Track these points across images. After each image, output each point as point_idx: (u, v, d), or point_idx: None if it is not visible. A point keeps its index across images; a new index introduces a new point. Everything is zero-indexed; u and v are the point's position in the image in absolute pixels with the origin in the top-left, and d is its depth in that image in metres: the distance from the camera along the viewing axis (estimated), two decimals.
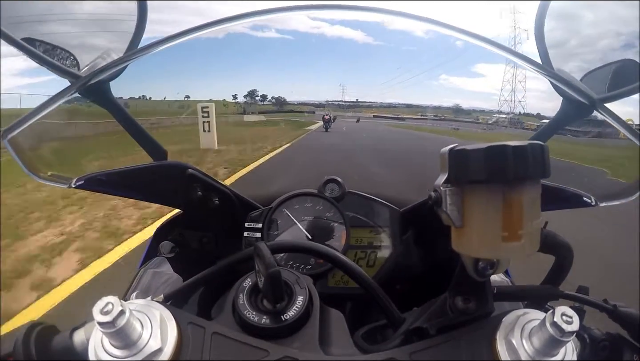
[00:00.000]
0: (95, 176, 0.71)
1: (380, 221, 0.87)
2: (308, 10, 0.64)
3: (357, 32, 19.67)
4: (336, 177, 0.87)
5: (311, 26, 17.72)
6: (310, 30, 17.57)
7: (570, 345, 0.38)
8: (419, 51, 19.07)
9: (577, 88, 0.63)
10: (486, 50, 0.60)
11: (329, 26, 18.66)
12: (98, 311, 0.33)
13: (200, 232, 0.86)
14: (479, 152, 0.33)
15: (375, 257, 0.85)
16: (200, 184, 0.79)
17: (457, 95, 22.27)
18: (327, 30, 19.52)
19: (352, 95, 12.40)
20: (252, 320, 0.43)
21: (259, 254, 0.44)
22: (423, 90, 18.00)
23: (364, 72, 18.32)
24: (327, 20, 16.96)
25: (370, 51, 19.00)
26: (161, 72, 3.86)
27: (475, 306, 0.45)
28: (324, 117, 5.95)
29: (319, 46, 18.26)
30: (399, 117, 5.25)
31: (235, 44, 17.87)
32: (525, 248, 0.34)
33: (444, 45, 17.79)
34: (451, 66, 17.98)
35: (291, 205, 0.87)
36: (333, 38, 18.86)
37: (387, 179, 5.53)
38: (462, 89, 22.26)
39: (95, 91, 0.70)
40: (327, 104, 6.29)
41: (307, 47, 18.48)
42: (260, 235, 0.85)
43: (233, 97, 5.64)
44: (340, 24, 20.64)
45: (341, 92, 8.67)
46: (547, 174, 0.33)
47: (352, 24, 21.28)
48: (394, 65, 17.87)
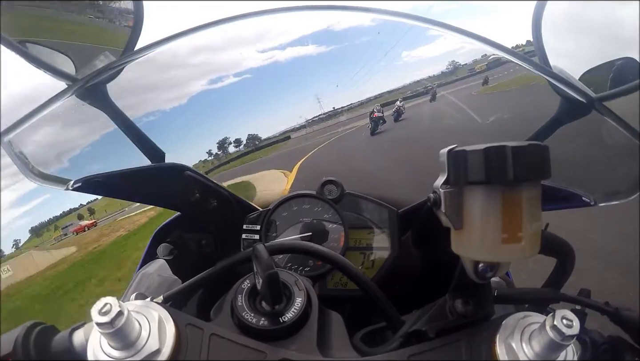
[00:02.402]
0: (92, 178, 0.70)
1: (378, 222, 0.86)
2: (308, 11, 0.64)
3: (308, 47, 19.32)
4: (334, 179, 0.87)
5: (263, 59, 17.54)
6: (264, 62, 17.35)
7: (571, 348, 0.38)
8: (372, 40, 18.84)
9: (575, 87, 0.63)
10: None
11: (280, 51, 18.47)
12: (96, 311, 0.33)
13: (198, 234, 0.86)
14: (477, 153, 0.33)
15: (374, 258, 0.85)
16: (198, 186, 0.79)
17: (424, 65, 21.49)
18: (280, 55, 19.26)
19: (329, 105, 12.40)
20: (251, 321, 0.43)
21: (257, 256, 0.44)
22: (390, 74, 17.83)
23: (329, 80, 18.20)
24: (277, 47, 17.08)
25: (328, 58, 18.94)
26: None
27: (475, 309, 0.44)
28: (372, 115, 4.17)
29: (278, 72, 18.28)
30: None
31: (200, 103, 17.84)
32: (525, 250, 0.33)
33: (394, 26, 17.59)
34: (408, 41, 17.69)
35: (289, 207, 0.87)
36: (288, 60, 18.78)
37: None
38: (427, 57, 21.66)
39: (92, 93, 0.69)
40: (308, 123, 6.07)
41: (268, 78, 18.68)
42: (259, 237, 0.85)
43: (208, 153, 5.23)
44: (289, 45, 20.50)
45: (319, 106, 8.20)
46: (547, 175, 0.33)
47: (300, 40, 21.14)
48: (355, 63, 17.80)
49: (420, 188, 0.87)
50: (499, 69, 1.76)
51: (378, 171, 2.45)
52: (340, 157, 1.83)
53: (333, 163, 0.87)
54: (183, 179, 0.77)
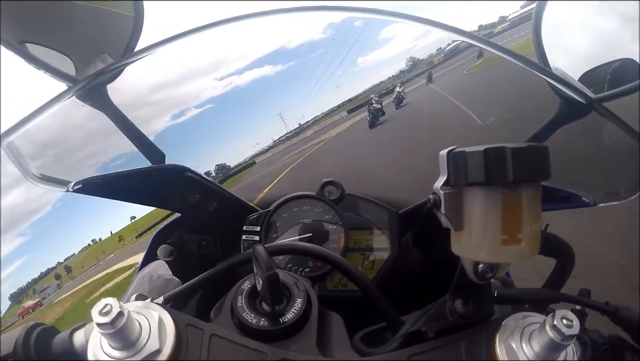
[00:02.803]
0: (92, 180, 0.70)
1: (378, 223, 0.86)
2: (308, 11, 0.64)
3: (266, 68, 18.93)
4: (334, 180, 0.87)
5: (222, 87, 17.09)
6: (224, 90, 16.88)
7: (571, 348, 0.38)
8: (326, 51, 18.12)
9: (574, 88, 0.63)
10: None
11: (238, 76, 18.04)
12: (97, 312, 0.33)
13: (198, 235, 0.86)
14: (477, 155, 0.33)
15: (374, 259, 0.85)
16: (199, 188, 0.79)
17: (379, 68, 20.98)
18: (239, 80, 18.79)
19: (294, 122, 12.17)
20: (251, 322, 0.43)
21: (257, 257, 0.44)
22: (350, 80, 17.08)
23: (291, 97, 17.50)
24: (234, 72, 16.78)
25: (286, 75, 18.37)
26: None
27: (475, 309, 0.44)
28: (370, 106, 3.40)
29: (239, 97, 17.72)
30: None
31: (165, 141, 17.54)
32: (525, 251, 0.33)
33: (345, 31, 16.84)
34: (360, 47, 16.99)
35: (289, 208, 0.87)
36: (248, 84, 18.15)
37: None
38: (382, 59, 21.22)
39: (92, 95, 0.70)
40: (275, 143, 5.82)
41: (230, 105, 18.00)
42: (259, 238, 0.85)
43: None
44: (246, 69, 20.10)
45: (283, 124, 7.82)
46: (547, 177, 0.33)
47: (258, 62, 20.73)
48: (311, 77, 17.21)
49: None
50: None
51: (378, 171, 2.39)
52: (315, 173, 1.77)
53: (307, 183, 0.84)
54: (183, 181, 0.78)
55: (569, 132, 0.71)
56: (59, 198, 0.80)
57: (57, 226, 3.64)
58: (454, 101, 1.43)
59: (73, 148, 0.82)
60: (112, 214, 0.99)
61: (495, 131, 1.57)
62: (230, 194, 0.85)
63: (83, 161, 0.84)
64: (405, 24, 0.62)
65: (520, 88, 1.08)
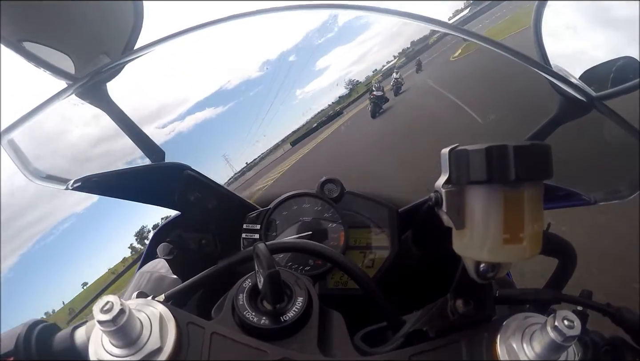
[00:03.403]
0: (92, 178, 0.70)
1: (378, 221, 0.86)
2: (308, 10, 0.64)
3: (206, 111, 18.50)
4: (334, 178, 0.87)
5: (165, 134, 16.69)
6: (168, 137, 16.65)
7: (572, 349, 0.38)
8: (263, 88, 17.35)
9: (575, 86, 0.63)
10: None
11: (180, 122, 17.46)
12: (98, 310, 0.33)
13: (198, 233, 0.86)
14: (479, 153, 0.33)
15: (374, 257, 0.85)
16: (198, 186, 0.79)
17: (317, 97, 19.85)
18: (181, 126, 18.19)
19: (240, 162, 12.05)
20: (252, 320, 0.43)
21: (258, 255, 0.44)
22: (291, 112, 16.46)
23: (234, 138, 16.84)
24: (176, 118, 16.55)
25: (227, 116, 17.79)
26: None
27: (476, 309, 0.44)
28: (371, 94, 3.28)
29: (185, 144, 17.18)
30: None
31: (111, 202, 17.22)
32: (527, 251, 0.33)
33: (281, 65, 16.19)
34: (297, 79, 16.49)
35: (289, 206, 0.87)
36: (190, 129, 17.47)
37: None
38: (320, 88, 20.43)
39: (92, 93, 0.70)
40: (255, 162, 5.61)
41: (177, 154, 17.68)
42: (259, 236, 0.85)
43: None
44: (188, 113, 19.64)
45: (229, 168, 7.57)
46: (549, 175, 0.33)
47: (198, 105, 20.29)
48: (252, 113, 16.68)
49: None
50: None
51: (383, 168, 2.27)
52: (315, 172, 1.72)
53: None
54: (183, 179, 0.77)
55: (569, 130, 0.71)
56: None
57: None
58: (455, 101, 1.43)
59: (73, 146, 0.82)
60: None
61: (495, 129, 1.56)
62: (230, 192, 0.85)
63: (82, 158, 0.84)
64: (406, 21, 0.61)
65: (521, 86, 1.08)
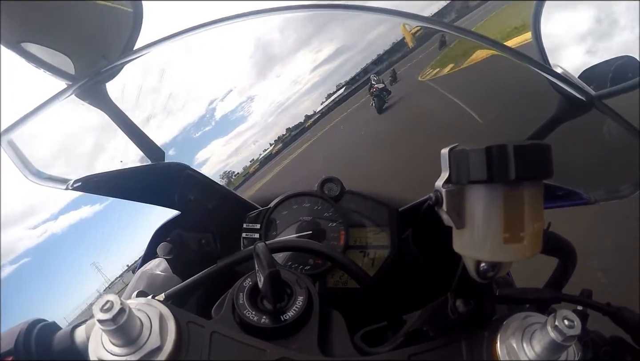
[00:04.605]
0: (92, 178, 0.70)
1: (378, 221, 0.86)
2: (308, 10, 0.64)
3: (83, 210, 18.24)
4: (334, 177, 0.87)
5: (37, 236, 16.27)
6: (40, 239, 16.04)
7: (572, 348, 0.38)
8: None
9: (575, 85, 0.63)
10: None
11: (54, 222, 17.30)
12: (98, 309, 0.33)
13: (198, 233, 0.86)
14: (479, 152, 0.33)
15: (374, 257, 0.85)
16: (198, 185, 0.79)
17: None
18: (54, 226, 17.92)
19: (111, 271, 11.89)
20: (252, 319, 0.43)
21: (259, 254, 0.44)
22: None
23: (108, 241, 16.96)
24: (49, 218, 16.64)
25: (103, 215, 17.78)
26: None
27: (476, 309, 0.44)
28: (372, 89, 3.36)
29: (56, 246, 17.04)
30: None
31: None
32: (527, 250, 0.33)
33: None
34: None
35: (289, 205, 0.87)
36: (64, 229, 17.16)
37: None
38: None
39: (91, 93, 0.70)
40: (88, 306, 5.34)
41: (49, 255, 17.41)
42: (259, 236, 0.85)
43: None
44: (61, 212, 19.63)
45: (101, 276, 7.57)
46: (550, 175, 0.33)
47: (72, 205, 20.07)
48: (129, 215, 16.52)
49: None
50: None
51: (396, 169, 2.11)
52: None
53: None
54: (183, 178, 0.77)
55: (569, 129, 0.71)
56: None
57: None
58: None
59: (72, 146, 0.82)
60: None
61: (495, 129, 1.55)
62: (230, 191, 0.85)
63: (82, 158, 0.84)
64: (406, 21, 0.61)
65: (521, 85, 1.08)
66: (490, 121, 1.81)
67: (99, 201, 3.23)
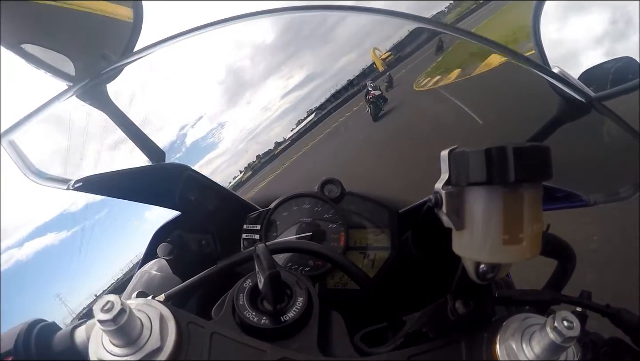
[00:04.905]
0: (92, 178, 0.70)
1: (378, 222, 0.86)
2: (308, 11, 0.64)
3: (48, 236, 18.62)
4: (334, 178, 0.87)
5: (4, 261, 15.65)
6: (4, 267, 15.60)
7: (571, 350, 0.38)
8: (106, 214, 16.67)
9: (574, 87, 0.63)
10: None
11: (19, 249, 17.23)
12: (99, 309, 0.33)
13: (198, 234, 0.86)
14: (478, 154, 0.33)
15: (374, 258, 0.85)
16: (199, 186, 0.79)
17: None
18: (20, 253, 17.81)
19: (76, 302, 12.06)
20: (252, 320, 0.43)
21: (259, 256, 0.44)
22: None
23: (76, 268, 16.97)
24: (14, 245, 16.55)
25: (69, 241, 18.20)
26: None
27: (475, 310, 0.44)
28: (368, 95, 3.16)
29: (21, 274, 16.76)
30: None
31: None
32: (526, 252, 0.33)
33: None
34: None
35: (289, 206, 0.87)
36: (30, 255, 17.18)
37: None
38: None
39: (92, 94, 0.70)
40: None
41: (12, 284, 17.06)
42: (259, 237, 0.85)
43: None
44: (28, 239, 19.49)
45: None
46: (549, 177, 0.33)
47: (38, 231, 20.21)
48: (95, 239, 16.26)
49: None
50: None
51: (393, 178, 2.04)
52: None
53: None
54: (183, 179, 0.78)
55: (569, 131, 0.71)
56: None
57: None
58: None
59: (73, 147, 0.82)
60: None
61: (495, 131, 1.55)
62: (230, 192, 0.85)
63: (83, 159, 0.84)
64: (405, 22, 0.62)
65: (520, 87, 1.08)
66: (489, 123, 1.80)
67: (65, 228, 3.15)
